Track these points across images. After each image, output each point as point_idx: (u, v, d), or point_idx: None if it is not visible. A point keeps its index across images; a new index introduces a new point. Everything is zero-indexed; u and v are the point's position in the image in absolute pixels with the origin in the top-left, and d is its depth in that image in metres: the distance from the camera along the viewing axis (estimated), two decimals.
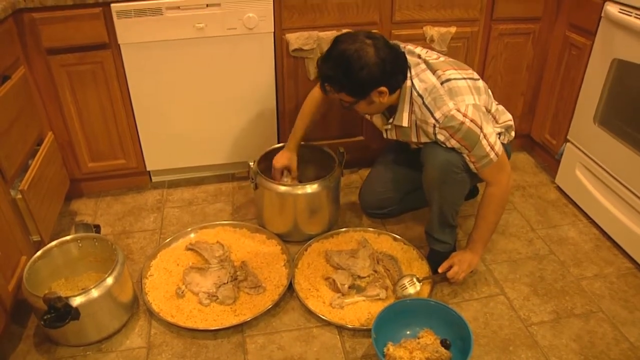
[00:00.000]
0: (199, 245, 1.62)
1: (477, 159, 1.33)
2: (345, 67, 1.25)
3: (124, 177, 1.97)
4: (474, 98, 1.31)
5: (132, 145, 1.85)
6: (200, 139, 1.91)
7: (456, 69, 1.36)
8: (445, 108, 1.28)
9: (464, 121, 1.27)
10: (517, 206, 1.88)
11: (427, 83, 1.32)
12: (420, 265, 1.57)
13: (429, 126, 1.32)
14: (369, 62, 1.24)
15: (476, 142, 1.29)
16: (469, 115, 1.28)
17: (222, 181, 2.04)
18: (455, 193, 1.44)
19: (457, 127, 1.28)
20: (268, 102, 1.86)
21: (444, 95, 1.29)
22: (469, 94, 1.31)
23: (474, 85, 1.35)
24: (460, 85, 1.32)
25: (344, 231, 1.71)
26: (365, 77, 1.25)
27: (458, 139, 1.30)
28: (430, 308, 1.33)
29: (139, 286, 1.51)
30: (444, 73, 1.33)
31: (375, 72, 1.25)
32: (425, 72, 1.34)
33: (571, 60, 1.83)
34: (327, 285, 1.49)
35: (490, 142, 1.31)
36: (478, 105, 1.31)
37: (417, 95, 1.33)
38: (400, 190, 1.75)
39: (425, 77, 1.33)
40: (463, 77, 1.34)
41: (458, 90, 1.30)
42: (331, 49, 1.29)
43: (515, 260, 1.62)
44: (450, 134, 1.30)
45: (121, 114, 1.78)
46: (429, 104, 1.31)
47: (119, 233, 1.76)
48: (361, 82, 1.26)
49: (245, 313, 1.41)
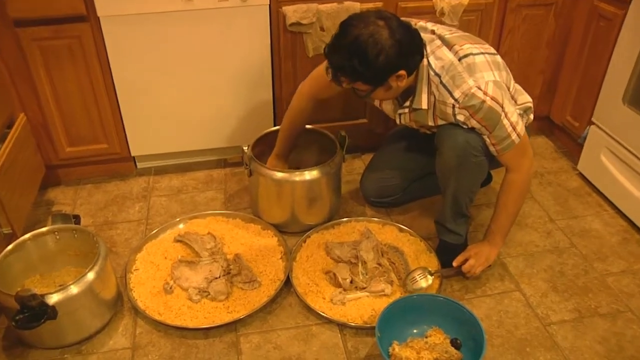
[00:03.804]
0: (188, 237, 1.61)
1: (498, 141, 1.33)
2: (360, 55, 1.22)
3: (106, 163, 1.96)
4: (493, 74, 1.31)
5: (114, 129, 1.84)
6: (190, 122, 1.90)
7: (472, 43, 1.35)
8: (465, 86, 1.28)
9: (484, 99, 1.27)
10: (534, 195, 1.87)
11: (444, 60, 1.31)
12: (428, 258, 1.57)
13: (448, 107, 1.32)
14: (385, 46, 1.22)
15: (497, 122, 1.29)
16: (490, 92, 1.27)
17: (213, 167, 2.04)
18: (472, 178, 1.43)
19: (478, 106, 1.27)
20: (263, 82, 1.85)
21: (463, 72, 1.29)
22: (488, 70, 1.31)
23: (492, 61, 1.34)
24: (479, 60, 1.31)
25: (346, 221, 1.71)
26: (383, 62, 1.23)
27: (479, 119, 1.29)
28: (439, 304, 1.33)
29: (123, 282, 1.51)
30: (461, 48, 1.32)
31: (393, 56, 1.23)
32: (441, 48, 1.33)
33: (599, 33, 1.80)
34: (327, 280, 1.50)
35: (511, 121, 1.31)
36: (499, 82, 1.30)
37: (434, 74, 1.32)
38: (406, 177, 1.75)
39: (442, 54, 1.32)
40: (481, 52, 1.33)
41: (477, 66, 1.30)
42: (341, 36, 1.26)
43: (532, 254, 1.62)
44: (470, 113, 1.29)
45: (102, 94, 1.76)
46: (447, 83, 1.30)
47: (101, 224, 1.76)
48: (379, 68, 1.24)
49: (238, 310, 1.40)
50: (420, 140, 1.66)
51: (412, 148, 1.73)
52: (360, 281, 1.47)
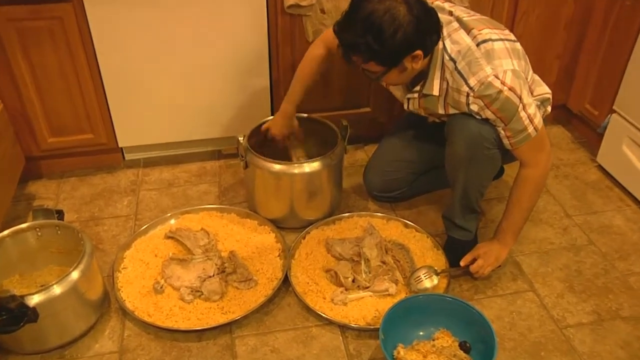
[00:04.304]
0: (180, 233, 1.62)
1: (514, 134, 1.33)
2: (376, 32, 1.22)
3: (92, 155, 1.96)
4: (512, 63, 1.31)
5: (100, 118, 1.84)
6: (182, 111, 1.90)
7: (492, 28, 1.35)
8: (481, 74, 1.28)
9: (501, 89, 1.27)
10: (550, 188, 1.87)
11: (460, 44, 1.31)
12: (436, 255, 1.58)
13: (462, 95, 1.32)
14: (403, 22, 1.21)
15: (514, 114, 1.29)
16: (508, 82, 1.27)
17: (206, 159, 2.04)
18: (483, 172, 1.44)
19: (495, 96, 1.27)
20: (260, 68, 1.84)
21: (480, 58, 1.29)
22: (507, 57, 1.30)
23: (512, 48, 1.34)
24: (498, 47, 1.31)
25: (348, 216, 1.72)
26: (399, 41, 1.22)
27: (494, 109, 1.29)
28: (447, 305, 1.33)
29: (110, 281, 1.51)
30: (479, 32, 1.32)
31: (411, 34, 1.23)
32: (459, 31, 1.33)
33: (623, 15, 1.79)
34: (328, 279, 1.50)
35: (529, 113, 1.31)
36: (517, 72, 1.30)
37: (449, 59, 1.32)
38: (413, 170, 1.75)
39: (459, 38, 1.32)
40: (500, 38, 1.33)
41: (496, 53, 1.30)
42: (354, 11, 1.25)
43: (547, 252, 1.62)
44: (485, 103, 1.29)
45: (87, 81, 1.76)
46: (462, 69, 1.30)
47: (87, 220, 1.76)
48: (395, 47, 1.24)
49: (234, 311, 1.41)
50: (428, 130, 1.66)
51: (420, 138, 1.73)
52: (362, 280, 1.47)
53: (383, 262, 1.51)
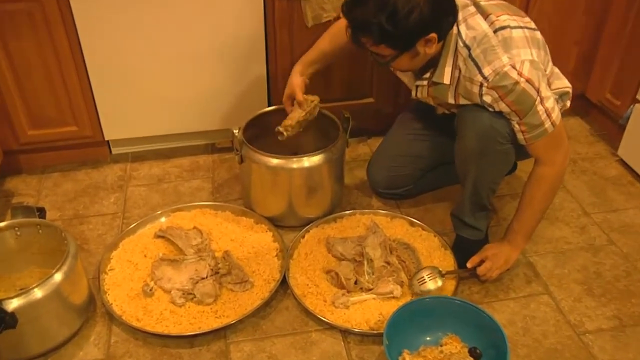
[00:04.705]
0: (171, 232, 1.62)
1: (529, 128, 1.33)
2: (389, 11, 1.20)
3: (76, 149, 1.96)
4: (531, 52, 1.30)
5: (85, 109, 1.84)
6: (172, 102, 1.90)
7: (510, 15, 1.35)
8: (497, 63, 1.27)
9: (518, 80, 1.26)
10: (566, 184, 1.87)
11: (476, 30, 1.31)
12: (443, 255, 1.58)
13: (475, 85, 1.32)
14: (419, 1, 1.21)
15: (530, 107, 1.29)
16: (525, 73, 1.27)
17: (199, 153, 2.04)
18: (495, 168, 1.44)
19: (510, 87, 1.27)
20: (256, 57, 1.84)
21: (497, 46, 1.28)
22: (526, 46, 1.30)
23: (532, 37, 1.34)
24: (516, 35, 1.30)
25: (350, 214, 1.72)
26: (414, 21, 1.21)
27: (509, 102, 1.29)
28: (455, 309, 1.33)
29: (96, 283, 1.52)
30: (497, 18, 1.32)
31: (427, 15, 1.22)
32: (475, 16, 1.33)
33: None
34: (328, 280, 1.51)
35: (547, 107, 1.30)
36: (536, 62, 1.30)
37: (463, 45, 1.32)
38: (420, 166, 1.75)
39: (475, 23, 1.32)
40: (520, 26, 1.33)
41: (514, 41, 1.29)
42: None
43: (564, 252, 1.62)
44: (500, 95, 1.29)
45: (70, 69, 1.76)
46: (477, 57, 1.30)
47: (70, 218, 1.77)
48: (410, 28, 1.23)
49: (228, 314, 1.42)
50: (437, 122, 1.66)
51: (428, 131, 1.72)
52: (365, 282, 1.48)
53: (387, 263, 1.51)
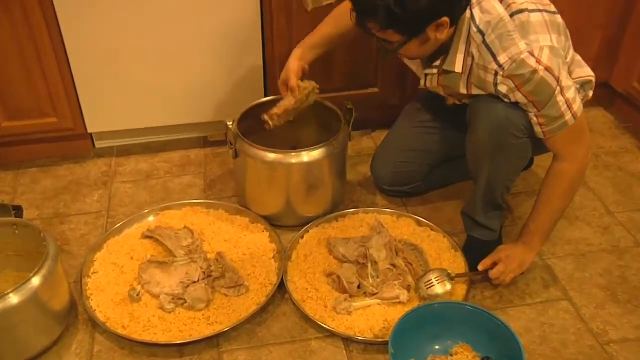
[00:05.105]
0: (160, 232, 1.63)
1: (548, 121, 1.32)
2: None
3: (56, 142, 1.96)
4: (550, 38, 1.29)
5: (66, 99, 1.84)
6: (162, 92, 1.90)
7: None
8: (514, 49, 1.27)
9: (536, 69, 1.26)
10: (588, 180, 1.86)
11: (491, 14, 1.30)
12: (454, 258, 1.58)
13: (489, 73, 1.31)
14: None
15: (550, 98, 1.28)
16: (544, 61, 1.26)
17: (190, 147, 2.05)
18: (511, 164, 1.44)
19: (528, 76, 1.26)
20: (252, 44, 1.85)
21: (514, 32, 1.28)
22: (545, 32, 1.29)
23: (552, 21, 1.32)
24: (535, 19, 1.29)
25: (352, 213, 1.73)
26: (425, 4, 1.21)
27: (526, 92, 1.29)
28: (467, 315, 1.33)
29: (78, 288, 1.51)
30: (514, 1, 1.31)
31: None
32: None
33: None
34: (329, 284, 1.51)
35: (567, 98, 1.30)
36: (556, 49, 1.29)
37: (477, 31, 1.31)
38: (429, 162, 1.75)
39: (490, 6, 1.31)
40: (538, 9, 1.32)
41: (532, 26, 1.28)
42: None
43: (585, 254, 1.62)
44: (516, 85, 1.29)
45: (49, 56, 1.75)
46: (492, 44, 1.29)
47: (50, 217, 1.77)
48: (420, 12, 1.22)
49: (221, 321, 1.41)
50: (447, 113, 1.65)
51: (437, 124, 1.72)
52: (369, 286, 1.48)
53: (393, 265, 1.51)
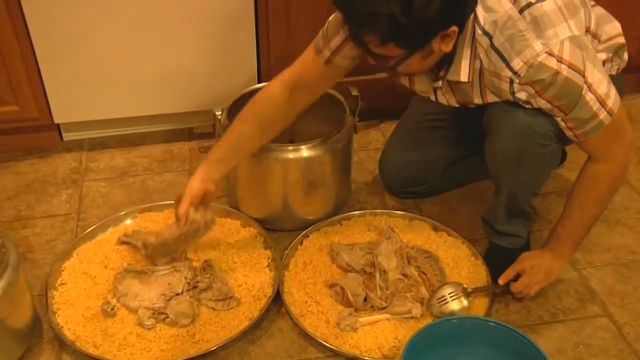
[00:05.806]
0: (138, 237, 1.61)
1: (578, 124, 1.31)
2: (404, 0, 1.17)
3: (18, 134, 1.97)
4: (569, 26, 1.28)
5: (29, 85, 1.85)
6: (140, 77, 1.91)
7: None
8: (529, 52, 1.25)
9: (558, 70, 1.24)
10: (630, 178, 1.87)
11: (497, 12, 1.28)
12: (474, 267, 1.58)
13: (503, 81, 1.30)
14: None
15: (577, 99, 1.27)
16: (566, 57, 1.24)
17: (173, 140, 2.06)
18: (537, 174, 1.45)
19: (549, 80, 1.25)
20: (243, 23, 1.86)
21: (526, 31, 1.26)
22: (561, 21, 1.27)
23: (565, 3, 1.30)
24: (548, 8, 1.27)
25: (358, 215, 1.73)
26: (434, 12, 1.18)
27: (549, 97, 1.27)
28: (489, 332, 1.32)
29: (42, 302, 1.51)
30: None
31: (449, 5, 1.19)
32: None
33: None
34: (332, 297, 1.51)
35: (599, 94, 1.28)
36: (577, 38, 1.28)
37: (482, 33, 1.30)
38: (443, 160, 1.76)
39: (494, 3, 1.29)
40: None
41: (547, 18, 1.26)
42: None
43: (627, 264, 1.62)
44: (537, 90, 1.27)
45: (9, 37, 1.76)
46: (501, 47, 1.28)
47: (10, 220, 1.78)
48: (429, 20, 1.20)
49: (209, 339, 1.41)
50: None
51: (453, 115, 1.71)
52: (378, 298, 1.47)
53: (404, 275, 1.52)
